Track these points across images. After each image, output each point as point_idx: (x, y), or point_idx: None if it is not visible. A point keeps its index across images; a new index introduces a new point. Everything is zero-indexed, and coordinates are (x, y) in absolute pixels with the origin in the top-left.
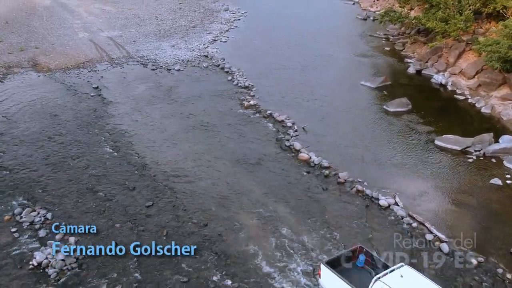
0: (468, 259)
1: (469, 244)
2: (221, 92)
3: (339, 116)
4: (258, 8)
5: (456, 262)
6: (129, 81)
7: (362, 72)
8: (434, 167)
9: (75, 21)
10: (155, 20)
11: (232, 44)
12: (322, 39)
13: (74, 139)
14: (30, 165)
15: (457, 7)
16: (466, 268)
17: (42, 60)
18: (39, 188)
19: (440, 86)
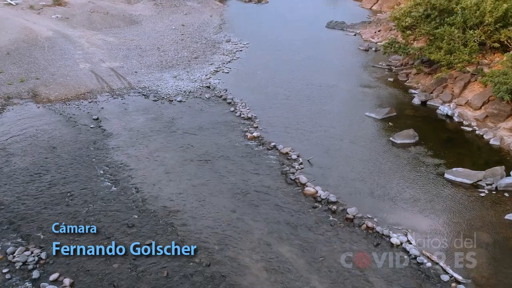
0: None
1: (487, 285)
2: (223, 124)
3: (345, 148)
4: (260, 39)
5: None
6: (130, 113)
7: (367, 103)
8: (446, 202)
9: (76, 52)
10: (157, 51)
11: (234, 75)
12: (325, 70)
13: (72, 173)
14: (26, 200)
15: (461, 39)
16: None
17: (42, 91)
18: (34, 225)
19: (446, 117)
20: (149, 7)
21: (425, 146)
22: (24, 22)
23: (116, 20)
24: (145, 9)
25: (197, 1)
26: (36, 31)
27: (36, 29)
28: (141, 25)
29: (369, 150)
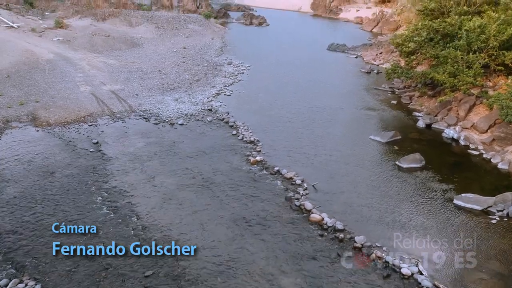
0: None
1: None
2: (226, 148)
3: (350, 173)
4: (262, 62)
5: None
6: (130, 136)
7: (371, 126)
8: (457, 229)
9: (77, 74)
10: (159, 74)
11: (236, 98)
12: (328, 92)
13: (70, 199)
14: (21, 229)
15: (465, 62)
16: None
17: (41, 114)
18: (29, 255)
19: (452, 141)
20: (151, 29)
21: (432, 170)
22: (25, 45)
23: (118, 42)
24: (147, 32)
25: (199, 24)
26: (37, 53)
27: (37, 51)
28: (142, 47)
29: (375, 175)
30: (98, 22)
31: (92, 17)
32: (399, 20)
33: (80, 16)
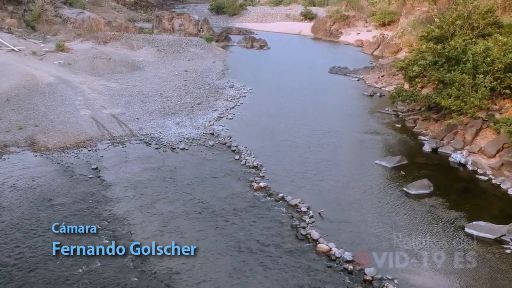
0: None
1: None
2: (228, 173)
3: (357, 199)
4: (264, 85)
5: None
6: (130, 161)
7: (376, 150)
8: (470, 259)
9: (77, 98)
10: (160, 97)
11: (238, 121)
12: (331, 116)
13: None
14: (16, 261)
15: (471, 85)
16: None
17: (40, 139)
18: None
19: (459, 166)
20: (152, 53)
21: (441, 197)
22: (26, 68)
23: (119, 65)
24: (148, 55)
25: (200, 47)
26: (38, 77)
27: (37, 75)
28: (143, 70)
29: (383, 202)
30: (100, 45)
31: (93, 40)
32: (400, 43)
33: (82, 40)
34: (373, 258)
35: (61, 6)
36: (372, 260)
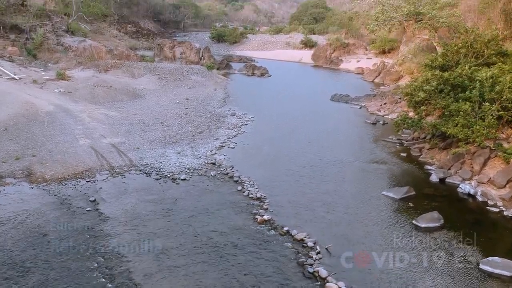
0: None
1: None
2: (230, 205)
3: (365, 233)
4: (265, 113)
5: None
6: (130, 193)
7: (382, 180)
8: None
9: (77, 127)
10: (161, 126)
11: (240, 150)
12: (335, 144)
13: (62, 266)
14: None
15: (478, 113)
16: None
17: (37, 170)
18: None
19: (468, 196)
20: (153, 81)
21: (451, 230)
22: (25, 97)
23: (120, 94)
24: (149, 83)
25: (201, 75)
26: (37, 105)
27: (37, 103)
28: (144, 99)
29: (393, 236)
30: (100, 73)
31: (94, 68)
32: (400, 71)
33: (83, 68)
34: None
35: (62, 34)
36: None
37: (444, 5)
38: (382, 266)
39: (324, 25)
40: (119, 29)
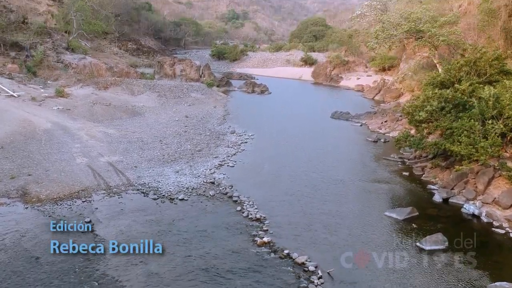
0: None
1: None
2: (229, 226)
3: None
4: (265, 130)
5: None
6: (126, 213)
7: (384, 201)
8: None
9: (74, 145)
10: (159, 144)
11: (240, 169)
12: (336, 163)
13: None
14: None
15: (481, 132)
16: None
17: (32, 189)
18: None
19: (473, 217)
20: (153, 98)
21: (457, 253)
22: (23, 114)
23: (118, 111)
24: (149, 100)
25: (201, 92)
26: (35, 123)
27: (35, 121)
28: (143, 116)
29: (398, 259)
30: (100, 90)
31: (94, 85)
32: (401, 88)
33: (82, 85)
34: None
35: (63, 51)
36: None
37: (444, 23)
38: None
39: (324, 42)
40: (120, 47)
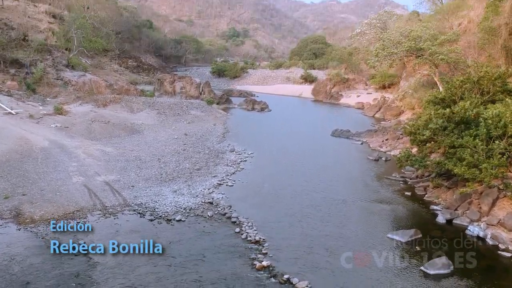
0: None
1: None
2: (227, 249)
3: (371, 282)
4: (265, 148)
5: None
6: (122, 235)
7: (386, 222)
8: None
9: (71, 164)
10: (157, 162)
11: (239, 189)
12: (336, 183)
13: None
14: None
15: (485, 151)
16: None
17: (26, 210)
18: None
19: (478, 239)
20: (152, 116)
21: (463, 278)
22: (21, 132)
23: (117, 129)
24: (148, 118)
25: (201, 110)
26: (32, 141)
27: (32, 139)
28: (142, 134)
29: (402, 284)
30: (99, 108)
31: (93, 103)
32: (401, 106)
33: (81, 102)
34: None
35: (63, 69)
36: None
37: (444, 41)
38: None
39: (324, 60)
40: (120, 64)
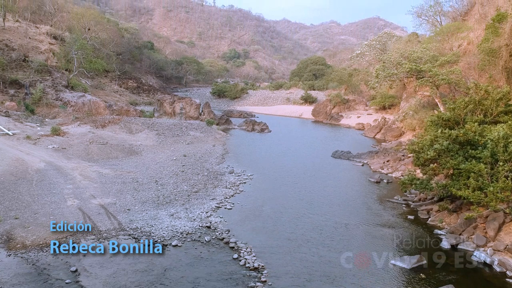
0: None
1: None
2: (225, 276)
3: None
4: (265, 170)
5: None
6: (116, 262)
7: (390, 248)
8: None
9: (66, 186)
10: (155, 185)
11: (238, 212)
12: (337, 206)
13: None
14: None
15: (490, 175)
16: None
17: (18, 234)
18: None
19: (484, 266)
20: (151, 137)
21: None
22: (17, 153)
23: (115, 150)
24: (147, 139)
25: (200, 131)
26: (28, 162)
27: (28, 160)
28: (141, 155)
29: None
30: (97, 129)
31: (91, 123)
32: (402, 127)
33: (79, 123)
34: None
35: (62, 89)
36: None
37: (444, 62)
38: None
39: (324, 81)
40: (120, 84)
